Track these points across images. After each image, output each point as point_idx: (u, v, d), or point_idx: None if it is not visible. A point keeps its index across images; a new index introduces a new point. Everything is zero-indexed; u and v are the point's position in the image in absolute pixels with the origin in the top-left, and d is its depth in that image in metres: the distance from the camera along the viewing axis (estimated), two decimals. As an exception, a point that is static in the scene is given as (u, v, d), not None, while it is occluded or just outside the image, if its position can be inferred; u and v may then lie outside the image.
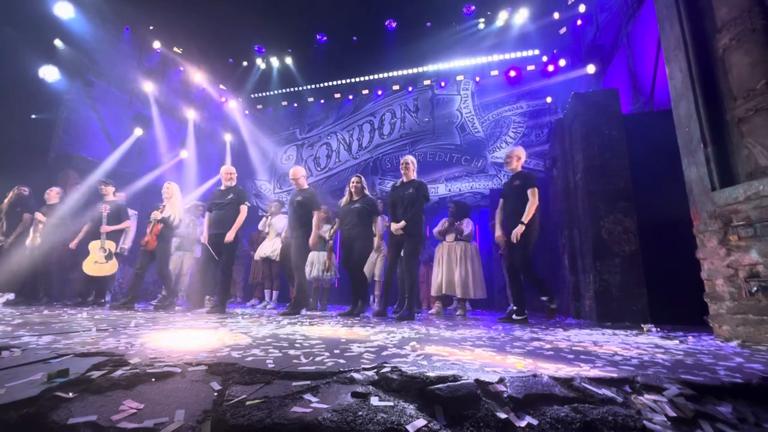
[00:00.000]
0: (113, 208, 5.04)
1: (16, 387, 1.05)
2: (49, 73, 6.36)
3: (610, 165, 4.11)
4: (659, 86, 4.82)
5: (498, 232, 4.04)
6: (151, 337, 1.95)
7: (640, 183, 4.01)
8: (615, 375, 1.21)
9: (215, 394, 1.05)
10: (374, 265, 5.63)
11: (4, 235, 4.97)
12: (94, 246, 4.84)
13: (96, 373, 1.14)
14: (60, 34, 6.62)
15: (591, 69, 6.85)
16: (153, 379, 1.13)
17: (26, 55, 6.14)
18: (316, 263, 5.67)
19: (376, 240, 4.55)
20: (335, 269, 5.65)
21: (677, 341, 2.27)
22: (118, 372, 1.15)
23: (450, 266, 5.05)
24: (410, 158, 4.24)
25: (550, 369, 1.30)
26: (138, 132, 7.89)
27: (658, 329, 3.02)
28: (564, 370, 1.28)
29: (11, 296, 4.82)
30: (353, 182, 4.37)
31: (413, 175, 4.21)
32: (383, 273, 5.06)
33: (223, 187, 4.62)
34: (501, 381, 1.10)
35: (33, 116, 6.47)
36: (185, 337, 1.97)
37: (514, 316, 3.73)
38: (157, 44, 8.42)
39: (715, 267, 2.37)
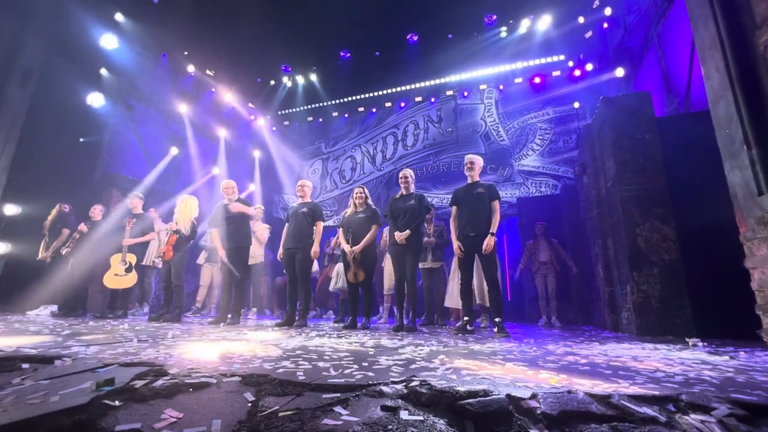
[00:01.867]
0: (139, 221, 5.19)
1: (69, 394, 1.12)
2: (96, 100, 6.85)
3: (644, 170, 3.94)
4: (695, 86, 4.61)
5: (456, 243, 3.85)
6: (187, 348, 2.03)
7: (678, 188, 3.82)
8: (657, 392, 1.15)
9: (249, 404, 1.08)
10: (390, 277, 5.56)
11: (47, 250, 5.31)
12: (115, 259, 4.93)
13: (139, 383, 1.20)
14: (105, 63, 7.14)
15: (620, 72, 6.66)
16: (191, 389, 1.17)
17: (76, 84, 6.65)
18: (341, 275, 5.72)
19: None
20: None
21: (727, 357, 2.12)
22: (159, 381, 1.21)
23: None
24: (409, 172, 4.29)
25: (585, 385, 1.26)
26: (174, 151, 8.32)
27: (705, 344, 2.83)
28: (601, 387, 1.23)
29: (54, 308, 5.12)
30: (357, 193, 4.40)
31: (413, 188, 4.26)
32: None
33: (226, 202, 4.64)
34: (534, 397, 1.08)
35: (81, 140, 6.97)
36: (219, 349, 2.03)
37: (495, 330, 3.57)
38: (191, 68, 8.92)
39: (767, 276, 2.21)
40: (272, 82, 10.10)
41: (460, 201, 3.97)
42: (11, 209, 5.72)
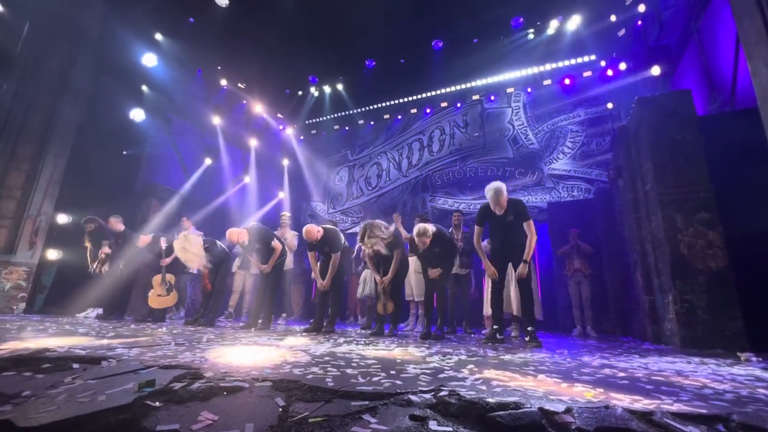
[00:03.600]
0: (172, 239, 5.34)
1: (114, 394, 1.19)
2: (137, 115, 7.30)
3: (685, 173, 3.73)
4: (741, 82, 4.33)
5: (491, 269, 3.68)
6: (220, 352, 2.10)
7: (724, 191, 3.58)
8: (705, 411, 1.08)
9: (280, 409, 1.10)
10: (413, 284, 5.50)
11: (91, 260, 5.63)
12: (156, 280, 5.14)
13: (177, 385, 1.25)
14: (146, 80, 7.62)
15: (656, 71, 6.37)
16: (225, 393, 1.22)
17: (120, 101, 7.13)
18: (369, 281, 5.74)
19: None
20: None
21: (785, 374, 1.95)
22: (196, 384, 1.26)
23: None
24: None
25: (624, 400, 1.20)
26: (208, 161, 8.71)
27: (760, 359, 2.61)
28: (641, 403, 1.17)
29: (100, 311, 5.44)
30: (367, 237, 4.13)
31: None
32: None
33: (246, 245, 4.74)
34: (568, 411, 1.04)
35: (124, 152, 7.43)
36: (250, 353, 2.09)
37: (527, 339, 3.47)
38: (223, 82, 9.36)
39: (830, 287, 2.03)
40: (300, 93, 10.38)
41: (491, 226, 3.82)
42: (63, 218, 6.16)
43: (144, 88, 7.60)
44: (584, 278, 5.79)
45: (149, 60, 7.44)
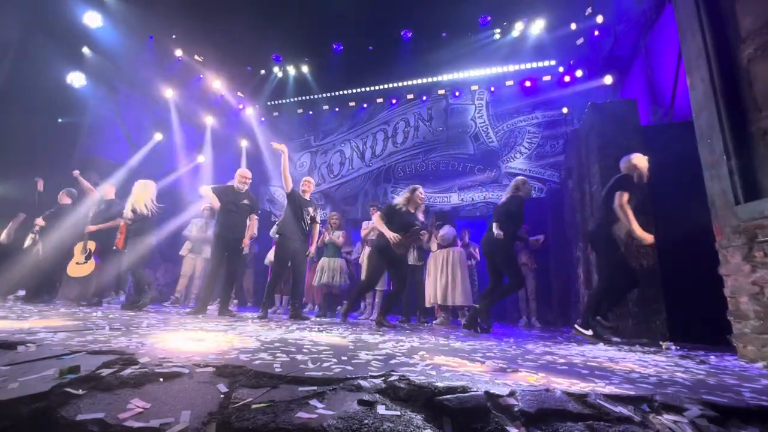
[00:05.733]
0: (106, 207, 4.99)
1: (29, 382, 1.06)
2: (77, 79, 6.60)
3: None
4: (679, 97, 4.72)
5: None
6: (161, 337, 1.97)
7: (659, 196, 3.91)
8: (632, 393, 1.16)
9: (221, 396, 1.04)
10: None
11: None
12: (77, 248, 4.74)
13: (106, 371, 1.14)
14: (88, 42, 6.89)
15: (608, 80, 6.78)
16: (161, 379, 1.13)
17: (56, 62, 6.39)
18: (326, 269, 5.68)
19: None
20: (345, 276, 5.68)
21: (698, 360, 2.18)
22: (128, 371, 1.16)
23: (435, 275, 5.04)
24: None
25: (563, 384, 1.26)
26: (158, 137, 8.10)
27: (678, 347, 2.91)
28: (578, 386, 1.24)
29: (21, 292, 4.92)
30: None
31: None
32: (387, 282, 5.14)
33: (240, 189, 4.59)
34: (512, 394, 1.07)
35: (59, 120, 6.71)
36: (195, 339, 1.98)
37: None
38: (179, 52, 8.68)
39: (739, 284, 2.28)
40: (262, 72, 9.90)
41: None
42: (-19, 189, 5.47)
43: (85, 50, 6.88)
44: (530, 272, 6.11)
45: (92, 19, 6.73)
